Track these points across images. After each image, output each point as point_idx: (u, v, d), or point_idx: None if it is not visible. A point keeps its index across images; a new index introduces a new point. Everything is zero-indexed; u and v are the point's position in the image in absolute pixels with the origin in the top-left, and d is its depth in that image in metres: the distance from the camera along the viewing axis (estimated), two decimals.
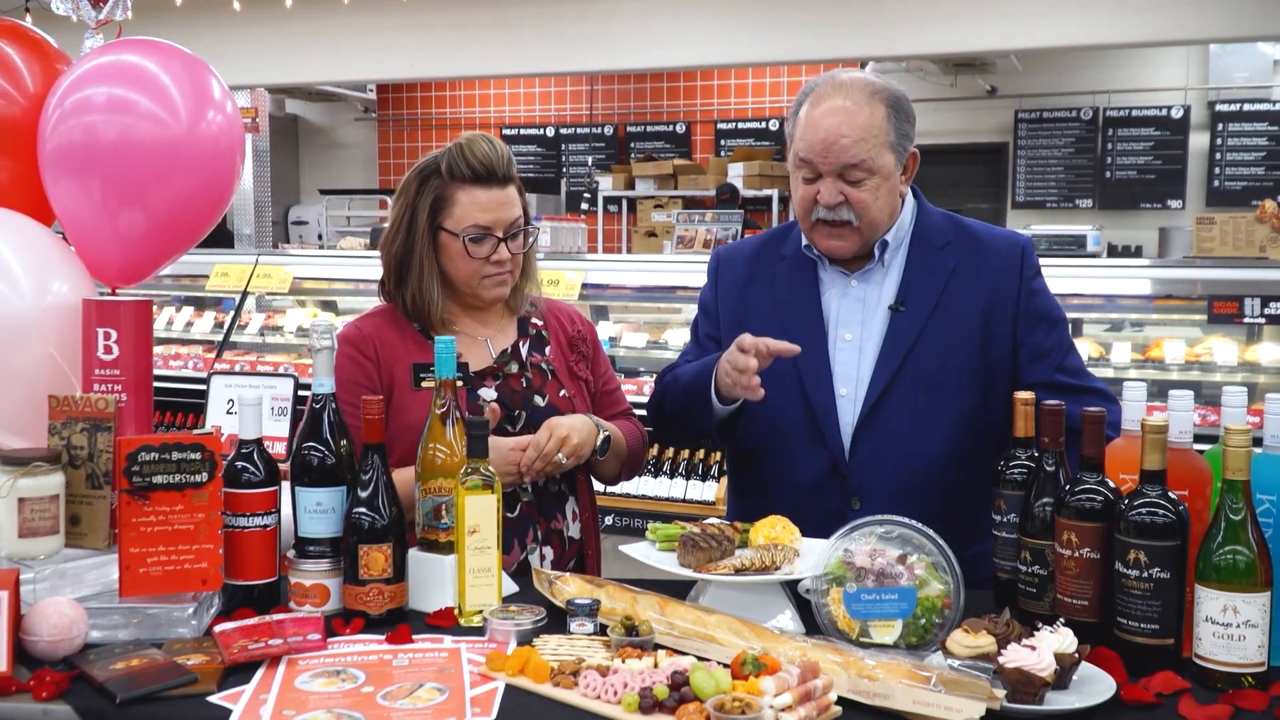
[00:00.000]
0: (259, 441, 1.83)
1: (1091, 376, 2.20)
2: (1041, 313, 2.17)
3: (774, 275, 2.26)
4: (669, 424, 2.35)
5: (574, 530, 2.29)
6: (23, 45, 2.20)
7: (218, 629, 1.65)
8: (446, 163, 2.17)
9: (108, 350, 1.96)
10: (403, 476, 1.93)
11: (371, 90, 12.61)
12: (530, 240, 2.25)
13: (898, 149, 2.11)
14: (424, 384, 2.16)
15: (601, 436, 2.20)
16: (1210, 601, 1.52)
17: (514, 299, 2.30)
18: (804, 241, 2.21)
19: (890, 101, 2.09)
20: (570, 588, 1.81)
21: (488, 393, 2.20)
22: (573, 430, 2.11)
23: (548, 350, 2.32)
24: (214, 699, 1.49)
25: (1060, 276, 2.28)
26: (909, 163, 2.16)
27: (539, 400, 2.24)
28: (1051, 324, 2.17)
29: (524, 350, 2.29)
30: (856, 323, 2.16)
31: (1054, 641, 1.49)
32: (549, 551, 2.22)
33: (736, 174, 9.91)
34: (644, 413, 2.43)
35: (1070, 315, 2.37)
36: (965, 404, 2.11)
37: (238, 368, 5.32)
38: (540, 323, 2.35)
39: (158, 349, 4.73)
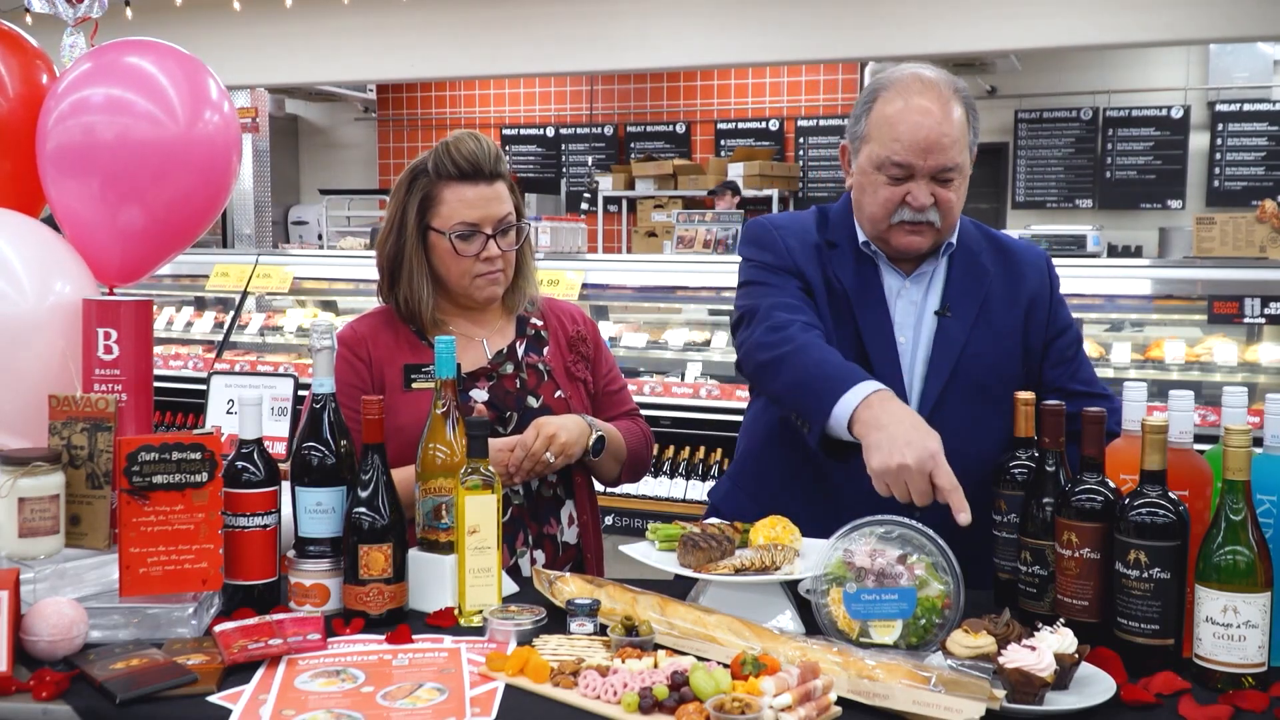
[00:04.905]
0: (259, 441, 1.82)
1: (1103, 386, 2.21)
2: (1066, 323, 2.19)
3: (830, 259, 2.13)
4: (768, 372, 2.00)
5: (569, 535, 2.25)
6: (2, 44, 2.19)
7: (218, 629, 1.64)
8: (433, 161, 2.16)
9: (108, 350, 1.95)
10: (399, 476, 1.93)
11: (371, 90, 12.62)
12: (522, 236, 2.22)
13: (973, 148, 2.08)
14: (415, 385, 2.14)
15: (594, 436, 2.17)
16: (1210, 602, 1.51)
17: (511, 298, 2.28)
18: (861, 238, 2.13)
19: (966, 100, 2.06)
20: (570, 588, 1.81)
21: (480, 394, 2.19)
22: (561, 429, 2.10)
23: (546, 351, 2.29)
24: (214, 699, 1.49)
25: (1061, 277, 2.28)
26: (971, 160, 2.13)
27: (533, 402, 2.22)
28: (1072, 334, 2.20)
29: (520, 351, 2.26)
30: (909, 326, 2.12)
31: (1054, 642, 1.49)
32: (540, 556, 2.20)
33: (736, 174, 9.92)
34: (650, 413, 2.39)
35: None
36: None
37: (238, 368, 5.32)
38: (540, 323, 2.32)
39: (158, 349, 4.73)
